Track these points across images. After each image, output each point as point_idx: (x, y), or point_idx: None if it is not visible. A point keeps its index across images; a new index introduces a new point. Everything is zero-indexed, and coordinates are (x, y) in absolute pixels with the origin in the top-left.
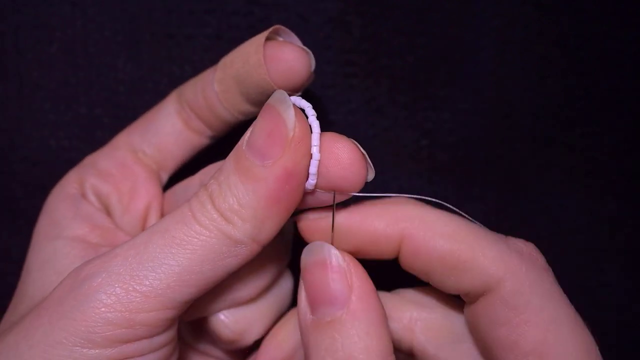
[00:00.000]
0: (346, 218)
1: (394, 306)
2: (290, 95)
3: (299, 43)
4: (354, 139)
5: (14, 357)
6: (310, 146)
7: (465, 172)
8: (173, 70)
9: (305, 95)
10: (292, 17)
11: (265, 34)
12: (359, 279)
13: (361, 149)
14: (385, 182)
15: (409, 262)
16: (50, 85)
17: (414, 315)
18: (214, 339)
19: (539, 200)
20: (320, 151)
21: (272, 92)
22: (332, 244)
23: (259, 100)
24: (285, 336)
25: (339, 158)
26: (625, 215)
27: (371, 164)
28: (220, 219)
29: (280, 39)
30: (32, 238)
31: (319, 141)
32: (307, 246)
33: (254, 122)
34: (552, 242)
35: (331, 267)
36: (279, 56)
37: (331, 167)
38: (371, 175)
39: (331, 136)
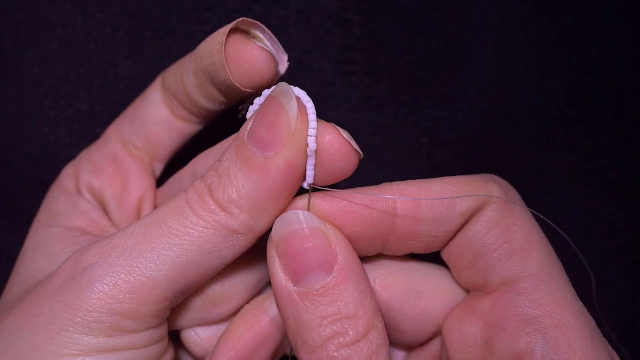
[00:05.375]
0: (335, 199)
1: None
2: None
3: (270, 36)
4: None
5: (18, 341)
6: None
7: (465, 170)
8: None
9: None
10: (292, 15)
11: (225, 32)
12: (340, 239)
13: (343, 132)
14: (384, 180)
15: (408, 224)
16: (51, 82)
17: (371, 274)
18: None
19: (539, 200)
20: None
21: (239, 91)
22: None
23: (234, 96)
24: (243, 334)
25: (327, 145)
26: (625, 215)
27: (357, 145)
28: (219, 210)
29: (260, 34)
30: (31, 226)
31: (316, 132)
32: (280, 217)
33: (255, 112)
34: (552, 242)
35: (312, 232)
36: (240, 57)
37: (321, 155)
38: (360, 155)
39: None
